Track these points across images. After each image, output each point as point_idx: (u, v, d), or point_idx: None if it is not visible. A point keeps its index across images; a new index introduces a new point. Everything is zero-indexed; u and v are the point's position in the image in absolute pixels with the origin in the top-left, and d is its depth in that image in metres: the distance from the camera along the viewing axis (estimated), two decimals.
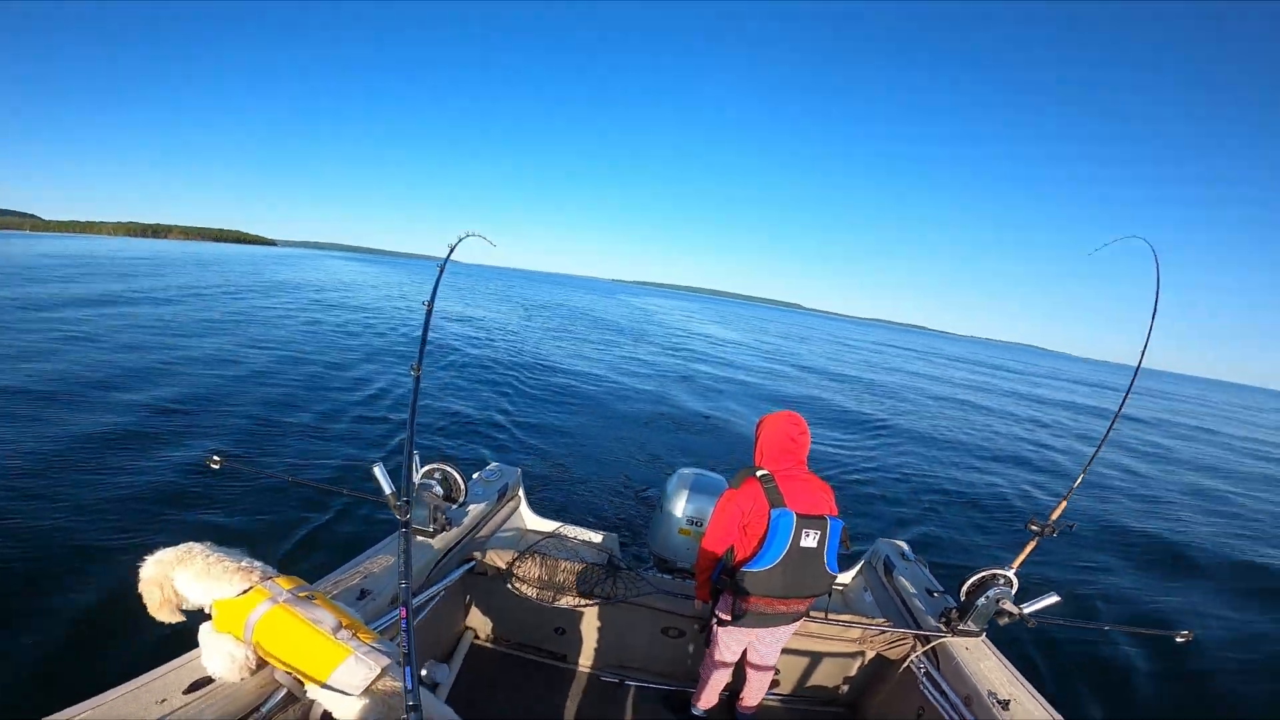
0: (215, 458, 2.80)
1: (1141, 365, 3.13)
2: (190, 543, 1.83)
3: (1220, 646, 5.94)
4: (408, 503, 1.83)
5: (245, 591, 1.76)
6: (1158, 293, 3.08)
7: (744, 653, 2.98)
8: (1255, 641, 6.11)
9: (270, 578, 1.85)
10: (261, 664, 1.82)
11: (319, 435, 8.22)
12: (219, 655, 1.75)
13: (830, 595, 2.73)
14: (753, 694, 3.11)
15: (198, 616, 1.83)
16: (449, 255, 3.09)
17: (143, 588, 1.76)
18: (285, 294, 28.97)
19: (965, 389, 29.80)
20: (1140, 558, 8.21)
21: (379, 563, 2.69)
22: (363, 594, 2.44)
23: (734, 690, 3.20)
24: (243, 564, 1.83)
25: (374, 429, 8.85)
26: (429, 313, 2.61)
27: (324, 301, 27.51)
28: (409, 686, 1.33)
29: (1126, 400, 3.20)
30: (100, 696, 1.67)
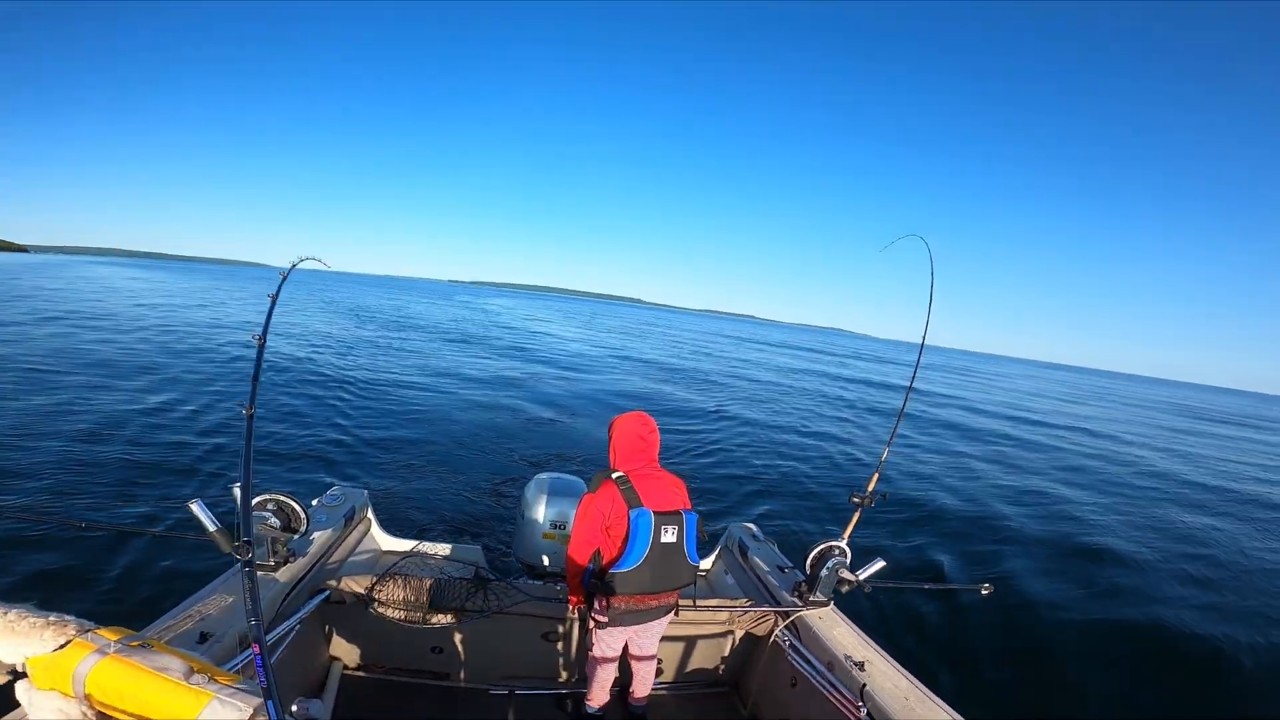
0: None
1: (925, 344, 3.69)
2: None
3: (1026, 578, 6.94)
4: (247, 542, 1.71)
5: (62, 646, 1.58)
6: (932, 282, 3.63)
7: (626, 648, 3.07)
8: (1051, 574, 7.20)
9: (89, 630, 1.68)
10: (103, 718, 1.64)
11: (110, 468, 7.06)
12: (48, 713, 1.55)
13: (696, 583, 2.91)
14: (641, 685, 3.21)
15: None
16: (282, 282, 2.75)
17: None
18: (36, 305, 24.15)
19: (791, 373, 32.66)
20: (946, 515, 9.33)
21: (214, 603, 2.47)
22: (203, 637, 2.25)
23: (623, 684, 3.28)
24: (51, 618, 1.65)
25: (178, 456, 7.78)
26: (261, 347, 2.36)
27: (90, 313, 23.17)
28: (273, 718, 1.30)
29: (915, 376, 3.77)
30: None
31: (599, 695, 3.14)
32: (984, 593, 3.24)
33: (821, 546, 3.22)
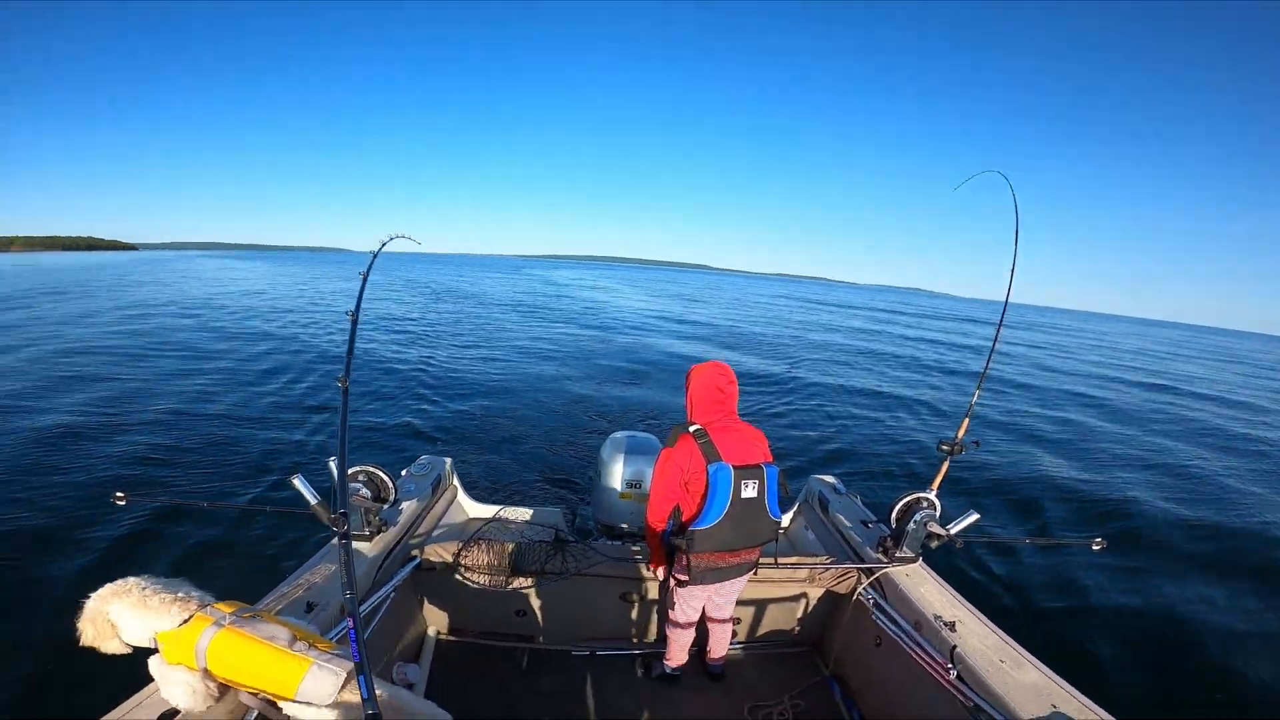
0: (119, 494, 2.57)
1: (1010, 297, 3.31)
2: (127, 577, 1.76)
3: (1145, 535, 6.46)
4: (344, 514, 1.78)
5: (185, 621, 1.70)
6: (1017, 222, 3.21)
7: (704, 610, 3.04)
8: (1165, 527, 6.72)
9: (209, 604, 1.80)
10: (224, 689, 1.78)
11: (224, 450, 7.62)
12: (176, 687, 1.68)
13: (777, 540, 2.83)
14: (718, 645, 3.18)
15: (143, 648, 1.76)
16: (374, 259, 2.77)
17: (80, 624, 1.69)
18: (157, 293, 26.36)
19: (864, 334, 31.58)
20: (1046, 468, 8.85)
21: (320, 573, 2.58)
22: (309, 607, 2.34)
23: (700, 644, 3.27)
24: (179, 594, 1.77)
25: (284, 436, 8.33)
26: (354, 324, 2.44)
27: (189, 304, 25.04)
28: (365, 695, 1.34)
29: (1000, 330, 3.41)
30: None
31: (677, 655, 3.13)
32: (1095, 549, 2.93)
33: (908, 498, 3.04)
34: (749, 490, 2.54)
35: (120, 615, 1.69)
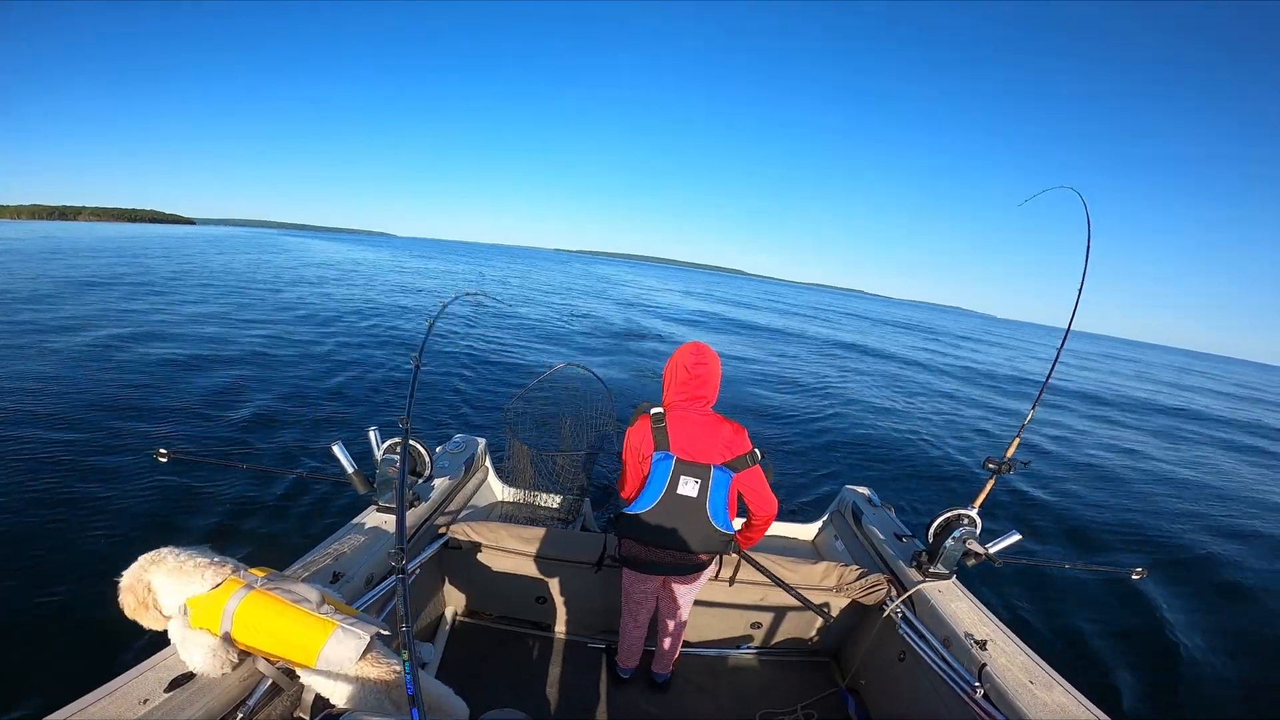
0: (162, 451, 2.66)
1: (1074, 322, 3.06)
2: (161, 547, 1.77)
3: (1175, 568, 6.38)
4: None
5: (218, 585, 1.71)
6: (1089, 244, 3.01)
7: (657, 609, 2.91)
8: (1203, 565, 6.60)
9: (242, 569, 1.81)
10: (243, 657, 1.78)
11: (270, 418, 7.86)
12: (196, 650, 1.68)
13: (727, 551, 2.60)
14: (662, 653, 3.01)
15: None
16: (441, 311, 3.19)
17: (121, 597, 1.70)
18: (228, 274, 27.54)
19: (909, 349, 30.95)
20: (1089, 491, 8.73)
21: (348, 543, 2.58)
22: (335, 577, 2.33)
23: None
24: (214, 560, 1.78)
25: (328, 405, 8.61)
26: (417, 369, 2.72)
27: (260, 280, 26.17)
28: (408, 672, 1.27)
29: (1061, 352, 3.16)
30: (79, 701, 1.58)
31: (624, 654, 3.01)
32: (1135, 577, 2.85)
33: (947, 515, 2.91)
34: (687, 488, 2.30)
35: (158, 583, 1.70)
